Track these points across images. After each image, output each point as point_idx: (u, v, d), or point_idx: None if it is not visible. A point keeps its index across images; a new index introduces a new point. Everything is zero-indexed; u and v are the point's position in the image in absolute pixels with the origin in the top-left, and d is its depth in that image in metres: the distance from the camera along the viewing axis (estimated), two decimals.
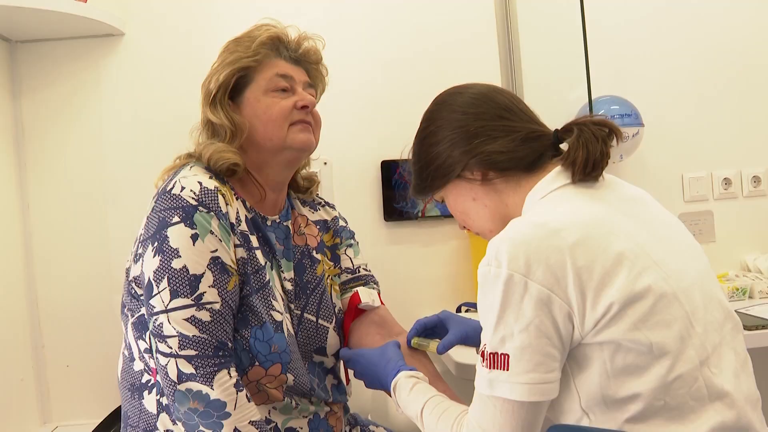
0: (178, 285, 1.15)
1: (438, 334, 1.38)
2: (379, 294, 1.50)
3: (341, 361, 1.44)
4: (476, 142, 1.09)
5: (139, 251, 1.22)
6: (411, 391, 1.17)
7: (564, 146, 1.11)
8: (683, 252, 1.05)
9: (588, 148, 1.04)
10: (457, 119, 1.12)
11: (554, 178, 1.07)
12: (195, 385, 1.12)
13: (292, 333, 1.32)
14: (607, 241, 0.95)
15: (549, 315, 0.93)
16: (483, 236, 1.17)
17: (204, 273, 1.16)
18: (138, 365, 1.27)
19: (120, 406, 1.36)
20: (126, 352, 1.31)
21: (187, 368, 1.13)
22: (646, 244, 0.98)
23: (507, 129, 1.10)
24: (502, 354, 0.94)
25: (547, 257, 0.93)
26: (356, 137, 2.13)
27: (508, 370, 0.94)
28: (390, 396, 1.24)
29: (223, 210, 1.21)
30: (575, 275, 0.92)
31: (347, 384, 1.47)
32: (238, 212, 1.26)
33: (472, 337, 1.33)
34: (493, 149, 1.08)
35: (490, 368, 0.95)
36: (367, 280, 1.51)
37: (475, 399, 0.99)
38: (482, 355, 0.97)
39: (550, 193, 1.05)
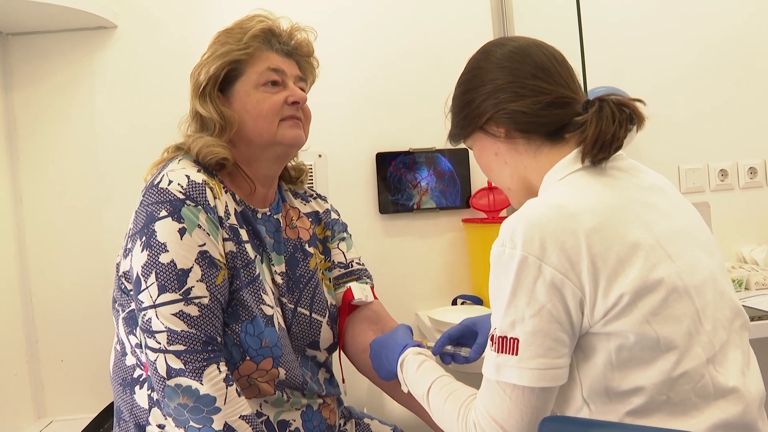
0: (165, 280, 1.14)
1: (465, 344, 1.30)
2: (372, 288, 1.49)
3: (333, 355, 1.44)
4: (503, 97, 1.09)
5: (128, 246, 1.21)
6: (418, 370, 1.16)
7: None
8: (699, 246, 1.03)
9: (601, 127, 1.02)
10: (491, 71, 1.11)
11: (574, 160, 1.05)
12: (184, 381, 1.12)
13: (284, 327, 1.31)
14: (624, 230, 0.94)
15: (561, 300, 0.92)
16: (505, 193, 1.17)
17: (192, 267, 1.15)
18: (130, 360, 1.27)
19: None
20: (118, 347, 1.30)
21: (176, 363, 1.12)
22: (663, 236, 0.97)
23: (536, 90, 1.07)
24: (511, 338, 0.93)
25: (563, 241, 0.92)
26: (351, 129, 2.11)
27: (517, 354, 0.93)
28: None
29: (211, 204, 1.20)
30: (590, 261, 0.91)
31: (343, 382, 1.47)
32: (227, 205, 1.25)
33: None
34: (517, 108, 1.07)
35: (498, 352, 0.94)
36: (360, 275, 1.50)
37: (484, 384, 0.98)
38: (491, 339, 0.96)
39: (569, 175, 1.04)
